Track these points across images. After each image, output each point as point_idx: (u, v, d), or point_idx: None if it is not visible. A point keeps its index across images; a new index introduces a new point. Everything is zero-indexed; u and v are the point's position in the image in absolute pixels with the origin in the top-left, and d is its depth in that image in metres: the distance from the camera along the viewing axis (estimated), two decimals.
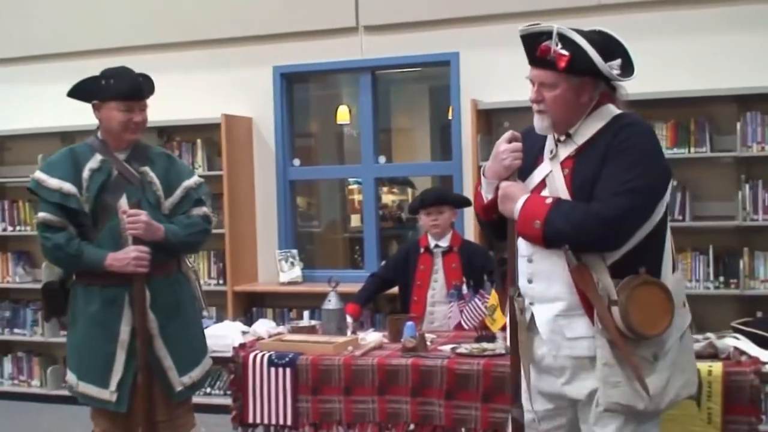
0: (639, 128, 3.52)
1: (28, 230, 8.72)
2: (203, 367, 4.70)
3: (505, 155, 3.59)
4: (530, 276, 3.59)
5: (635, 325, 3.32)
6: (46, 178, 4.46)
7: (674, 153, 6.71)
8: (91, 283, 4.50)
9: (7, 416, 8.17)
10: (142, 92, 4.52)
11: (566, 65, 3.45)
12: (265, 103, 8.18)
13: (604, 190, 3.37)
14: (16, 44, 8.95)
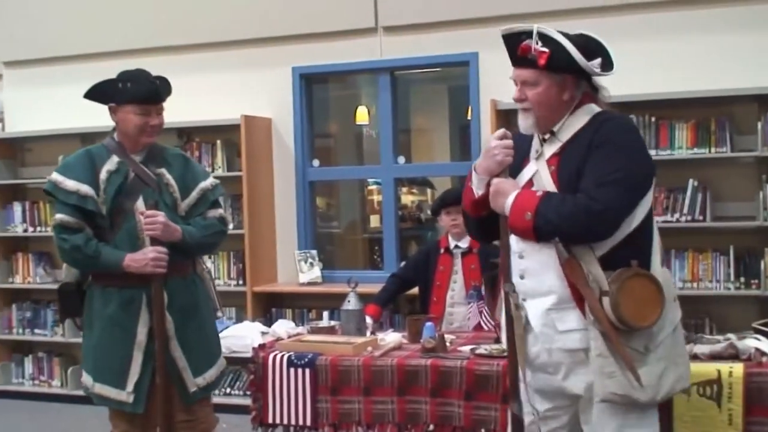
0: (621, 122, 3.62)
1: (48, 231, 8.74)
2: (218, 367, 4.71)
3: (497, 151, 3.65)
4: (522, 272, 3.64)
5: (626, 317, 3.38)
6: (63, 179, 4.47)
7: (694, 153, 6.69)
8: (109, 284, 4.50)
9: (27, 416, 8.21)
10: (159, 96, 4.53)
11: (546, 62, 3.52)
12: (284, 103, 8.19)
13: (589, 181, 3.44)
14: (36, 46, 8.99)
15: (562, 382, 3.62)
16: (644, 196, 3.52)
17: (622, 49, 7.03)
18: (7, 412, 8.35)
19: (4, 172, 8.98)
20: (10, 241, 9.02)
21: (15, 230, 8.91)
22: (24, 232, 8.89)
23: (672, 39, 6.92)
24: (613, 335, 3.40)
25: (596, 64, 3.61)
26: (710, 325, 6.74)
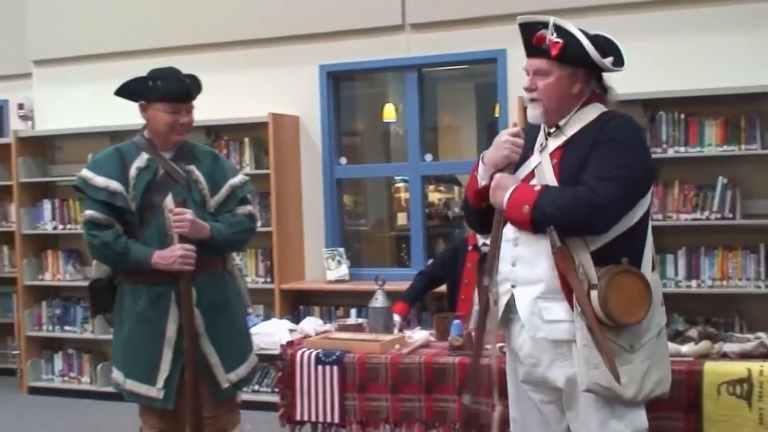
0: (626, 121, 3.64)
1: (78, 228, 8.78)
2: (249, 364, 4.72)
3: (506, 145, 3.69)
4: (514, 260, 3.70)
5: (613, 312, 3.43)
6: (93, 176, 4.49)
7: (724, 150, 6.65)
8: (138, 281, 4.53)
9: (57, 412, 8.25)
10: (189, 94, 4.54)
11: (559, 53, 3.57)
12: (311, 101, 8.19)
13: (591, 175, 3.49)
14: (66, 45, 9.04)
15: (545, 372, 3.67)
16: (644, 195, 3.58)
17: (651, 46, 7.08)
18: (37, 409, 8.40)
19: (34, 170, 9.03)
20: (40, 238, 9.08)
21: (45, 228, 8.96)
22: (54, 230, 8.94)
23: (702, 35, 6.88)
24: (597, 329, 3.45)
25: (608, 61, 3.63)
26: (740, 324, 6.70)
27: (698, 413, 4.06)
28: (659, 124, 6.79)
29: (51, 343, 9.14)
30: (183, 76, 4.55)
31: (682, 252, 6.80)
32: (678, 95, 6.70)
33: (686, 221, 6.75)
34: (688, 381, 4.09)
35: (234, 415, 4.74)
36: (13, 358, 9.43)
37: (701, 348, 4.31)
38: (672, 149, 6.76)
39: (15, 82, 9.71)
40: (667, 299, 6.75)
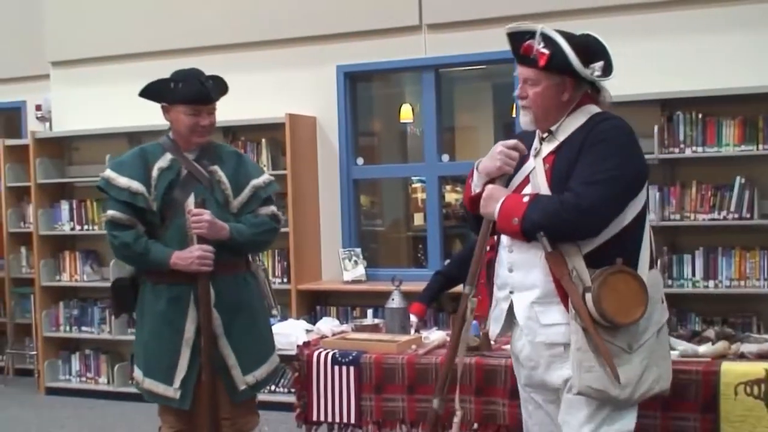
0: (615, 123, 3.62)
1: (95, 229, 8.83)
2: (269, 366, 4.71)
3: (500, 156, 3.69)
4: (510, 265, 3.73)
5: (607, 312, 3.42)
6: (116, 176, 4.52)
7: (742, 150, 6.63)
8: (159, 281, 4.54)
9: (74, 412, 8.28)
10: (208, 97, 4.53)
11: (546, 63, 3.57)
12: (328, 102, 8.20)
13: (578, 179, 3.49)
14: (85, 46, 9.08)
15: (543, 375, 3.69)
16: (635, 197, 3.56)
17: (668, 46, 7.07)
18: (55, 409, 8.43)
19: (51, 171, 9.07)
20: (58, 239, 9.11)
21: (62, 228, 8.99)
22: (71, 231, 8.97)
23: (719, 35, 6.86)
24: (593, 331, 3.44)
25: (597, 68, 3.62)
26: (758, 324, 6.68)
27: (715, 413, 4.04)
28: (677, 124, 6.77)
29: (68, 344, 9.17)
30: (205, 77, 4.54)
31: (699, 252, 6.78)
32: (695, 95, 6.68)
33: (704, 221, 6.73)
34: (705, 381, 4.07)
35: (252, 416, 4.74)
36: (30, 359, 9.47)
37: (718, 348, 4.29)
38: (689, 149, 6.74)
39: (32, 83, 9.76)
40: (685, 299, 6.81)
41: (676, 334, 4.81)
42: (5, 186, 9.33)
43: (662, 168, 6.95)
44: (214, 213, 4.47)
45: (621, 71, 7.14)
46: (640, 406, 3.96)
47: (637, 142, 3.62)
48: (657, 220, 6.74)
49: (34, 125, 9.60)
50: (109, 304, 8.85)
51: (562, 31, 3.64)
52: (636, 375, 3.51)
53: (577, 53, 3.55)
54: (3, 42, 10.09)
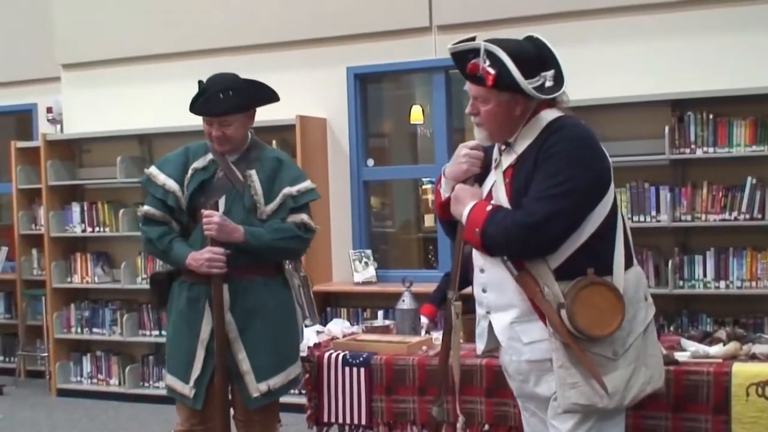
0: (567, 132, 3.52)
1: (106, 231, 8.85)
2: (286, 375, 4.69)
3: (464, 159, 3.69)
4: (483, 286, 3.69)
5: (583, 327, 3.37)
6: (157, 173, 4.62)
7: (753, 150, 6.61)
8: (185, 279, 4.61)
9: (86, 414, 8.30)
10: (211, 112, 4.50)
11: (493, 83, 3.47)
12: (339, 103, 8.21)
13: (529, 196, 3.44)
14: (95, 48, 9.09)
15: (534, 388, 3.65)
16: (596, 204, 3.47)
17: (679, 46, 7.06)
18: (66, 411, 8.45)
19: (62, 173, 9.08)
20: (69, 241, 9.13)
21: (74, 230, 9.01)
22: (82, 233, 8.99)
23: (730, 35, 6.85)
24: (574, 346, 3.39)
25: (548, 77, 3.55)
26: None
27: (727, 415, 4.04)
28: (687, 125, 6.76)
29: (79, 346, 9.19)
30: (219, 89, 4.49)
31: (710, 253, 6.77)
32: (706, 95, 6.67)
33: (715, 222, 6.72)
34: (716, 382, 4.06)
35: (269, 420, 4.75)
36: (42, 361, 9.48)
37: (730, 349, 4.28)
38: (700, 149, 6.73)
39: (43, 85, 9.78)
40: (696, 300, 6.81)
41: (687, 335, 4.81)
42: (17, 188, 9.35)
43: (673, 168, 6.95)
44: (240, 217, 4.49)
45: (632, 71, 7.20)
46: (651, 408, 3.98)
47: (592, 149, 3.53)
48: (668, 221, 6.73)
49: (45, 127, 9.61)
50: (118, 306, 8.91)
51: (508, 41, 3.56)
52: (623, 381, 3.46)
53: (525, 65, 3.46)
54: (14, 45, 10.11)
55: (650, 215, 6.86)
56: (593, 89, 7.05)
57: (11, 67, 10.08)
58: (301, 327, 4.89)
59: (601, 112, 7.13)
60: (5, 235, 10.12)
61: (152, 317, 8.73)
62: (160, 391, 8.43)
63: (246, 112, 4.61)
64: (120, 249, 9.09)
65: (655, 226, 6.86)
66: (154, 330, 8.72)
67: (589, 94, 6.96)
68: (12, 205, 9.62)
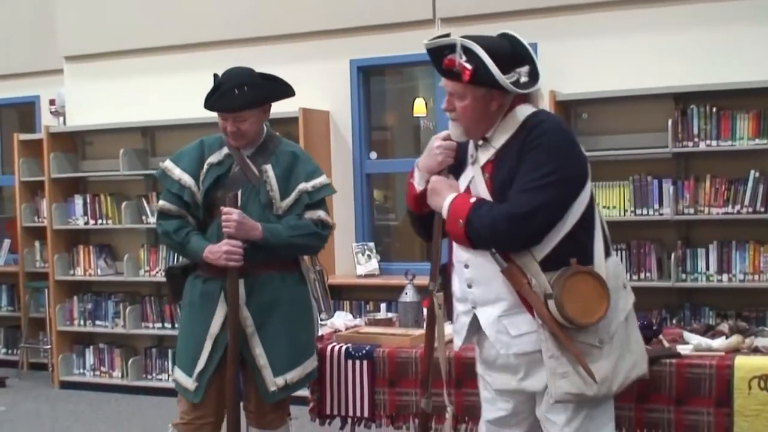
0: (548, 125, 3.55)
1: (109, 224, 8.86)
2: (303, 369, 4.67)
3: (438, 151, 3.71)
4: (469, 281, 3.70)
5: (572, 316, 3.43)
6: (172, 167, 4.60)
7: (756, 144, 6.62)
8: (199, 273, 4.60)
9: (88, 406, 8.30)
10: (226, 108, 4.47)
11: (470, 78, 3.49)
12: (342, 96, 8.20)
13: (514, 188, 3.48)
14: (98, 40, 9.09)
15: (520, 383, 3.68)
16: (577, 197, 3.52)
17: (682, 39, 7.05)
18: (69, 403, 8.46)
19: (65, 165, 9.09)
20: (72, 233, 9.14)
21: (76, 223, 9.02)
22: (85, 225, 9.00)
23: (733, 28, 6.84)
24: (561, 335, 3.45)
25: (523, 73, 3.57)
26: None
27: (729, 408, 4.03)
28: (690, 118, 6.76)
29: (82, 338, 9.21)
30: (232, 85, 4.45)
31: (713, 246, 6.78)
32: (709, 89, 6.66)
33: (717, 215, 6.72)
34: (718, 375, 4.06)
35: (280, 414, 4.74)
36: (45, 353, 9.51)
37: (732, 342, 4.28)
38: (703, 143, 6.73)
39: (46, 78, 9.79)
40: (698, 293, 6.81)
41: (689, 328, 4.80)
42: (19, 180, 9.36)
43: (676, 162, 6.95)
44: (256, 213, 4.48)
45: (635, 65, 7.19)
46: (653, 401, 3.99)
47: (572, 141, 3.58)
48: (671, 214, 6.73)
49: (47, 120, 9.62)
50: (121, 298, 8.92)
51: (483, 37, 3.57)
52: (610, 368, 3.53)
53: (500, 61, 3.48)
54: (17, 37, 10.12)
55: (653, 208, 6.86)
56: (597, 82, 7.06)
57: (14, 59, 10.10)
58: (316, 321, 4.88)
59: (604, 105, 7.15)
60: (8, 227, 10.14)
61: (155, 310, 8.74)
62: (162, 384, 8.45)
63: (261, 108, 4.58)
64: (123, 241, 9.10)
65: (658, 219, 6.86)
66: (157, 322, 8.73)
67: (593, 87, 6.98)
68: (15, 197, 9.63)
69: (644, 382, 4.09)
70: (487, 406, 3.90)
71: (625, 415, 4.18)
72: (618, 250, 6.88)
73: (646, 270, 6.94)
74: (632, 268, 6.96)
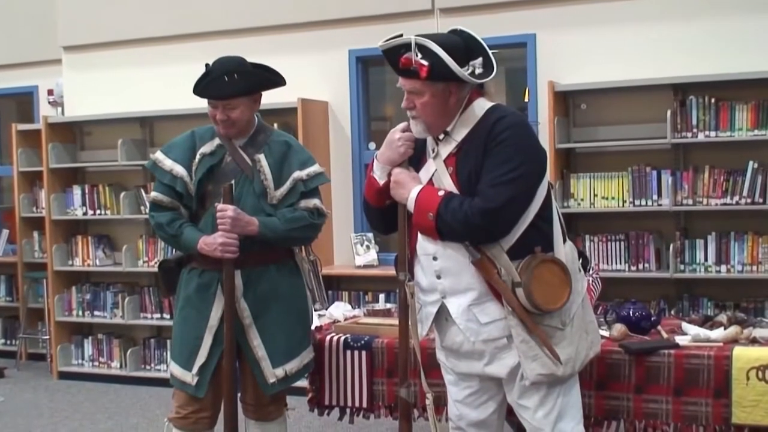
0: (511, 119, 3.68)
1: (108, 214, 8.85)
2: (301, 360, 4.67)
3: (400, 143, 3.79)
4: (438, 272, 3.78)
5: (540, 303, 3.58)
6: (163, 158, 4.58)
7: (755, 135, 6.61)
8: (194, 266, 4.58)
9: (87, 397, 8.31)
10: (215, 95, 4.46)
11: (427, 74, 3.59)
12: (340, 87, 8.20)
13: (484, 183, 3.58)
14: (97, 30, 9.07)
15: (484, 368, 3.80)
16: (539, 186, 3.65)
17: (681, 29, 7.05)
18: (68, 393, 8.46)
19: (63, 155, 9.08)
20: (70, 224, 9.13)
21: (75, 213, 9.01)
22: (83, 215, 8.99)
23: (732, 18, 6.83)
24: (529, 321, 3.60)
25: (477, 65, 3.68)
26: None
27: (727, 398, 4.04)
28: (689, 109, 6.75)
29: (81, 329, 9.21)
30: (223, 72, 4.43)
31: (711, 237, 6.78)
32: (708, 79, 6.66)
33: (716, 206, 6.71)
34: (717, 366, 4.07)
35: (278, 405, 4.73)
36: (43, 344, 9.51)
37: (730, 333, 4.29)
38: (702, 133, 6.72)
39: (45, 68, 9.78)
40: (697, 284, 6.82)
41: (688, 319, 4.82)
42: (18, 171, 9.35)
43: (675, 152, 6.94)
44: (250, 203, 4.47)
45: (634, 55, 7.19)
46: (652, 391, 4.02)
47: (534, 136, 3.71)
48: (669, 205, 6.73)
49: (46, 110, 9.61)
50: (120, 288, 8.92)
51: (435, 35, 3.69)
52: (574, 349, 3.70)
53: (454, 55, 3.59)
54: (15, 27, 10.10)
55: (651, 199, 6.85)
56: (596, 73, 7.06)
57: (12, 49, 10.08)
58: (311, 312, 4.88)
59: (603, 95, 7.14)
60: (6, 217, 10.15)
61: (153, 300, 8.74)
62: (161, 374, 8.45)
63: (251, 96, 4.56)
64: (121, 232, 9.09)
65: (657, 210, 6.86)
66: (156, 313, 8.73)
67: (592, 77, 6.98)
68: (13, 187, 9.63)
69: (643, 373, 4.12)
70: (453, 388, 4.01)
71: (624, 405, 4.20)
72: (617, 240, 6.91)
73: (644, 261, 6.95)
74: (630, 259, 6.97)
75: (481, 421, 3.96)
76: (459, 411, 3.99)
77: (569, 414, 3.78)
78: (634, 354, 4.19)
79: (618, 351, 4.24)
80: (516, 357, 3.67)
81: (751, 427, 4.05)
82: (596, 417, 4.26)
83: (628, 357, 4.20)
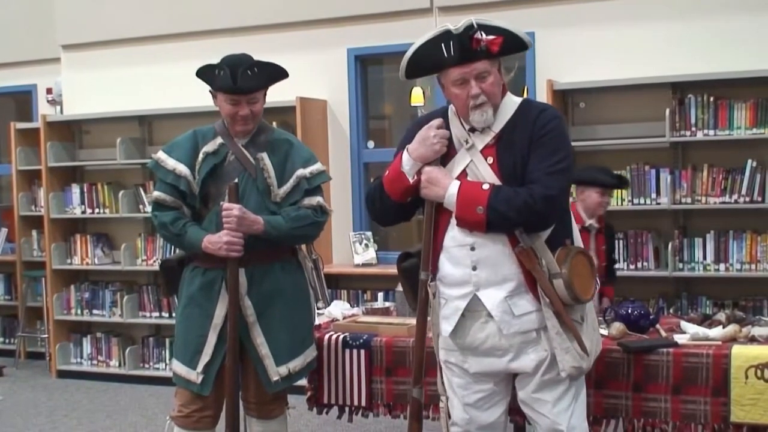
0: (553, 112, 3.77)
1: (106, 213, 8.85)
2: (304, 358, 4.66)
3: (435, 140, 3.75)
4: (474, 263, 3.73)
5: (579, 294, 3.62)
6: (165, 158, 4.56)
7: (753, 133, 6.62)
8: (198, 264, 4.56)
9: (86, 395, 8.30)
10: (239, 90, 4.44)
11: (500, 48, 3.61)
12: (339, 85, 8.19)
13: (539, 171, 3.60)
14: (95, 29, 9.07)
15: (508, 364, 3.77)
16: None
17: (680, 28, 7.05)
18: (66, 392, 8.46)
19: (62, 154, 9.07)
20: (69, 222, 9.13)
21: (73, 212, 9.01)
22: (82, 214, 8.99)
23: (731, 18, 6.83)
24: (564, 314, 3.62)
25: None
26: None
27: (726, 397, 4.04)
28: (688, 107, 6.75)
29: (80, 327, 9.21)
30: (247, 66, 4.44)
31: (710, 235, 6.78)
32: (707, 78, 6.66)
33: (715, 204, 6.72)
34: (715, 364, 4.07)
35: (280, 403, 4.72)
36: (42, 342, 9.51)
37: (729, 332, 4.29)
38: (701, 132, 6.72)
39: (43, 66, 9.78)
40: (696, 282, 6.82)
41: (686, 318, 4.82)
42: (16, 169, 9.36)
43: (673, 151, 6.95)
44: (255, 201, 4.46)
45: (633, 54, 7.19)
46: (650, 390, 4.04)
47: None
48: (668, 204, 6.74)
49: (45, 109, 9.62)
50: (118, 287, 8.92)
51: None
52: (593, 342, 3.75)
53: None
54: (14, 25, 10.10)
55: (650, 198, 6.86)
56: (594, 71, 7.06)
57: (11, 48, 10.08)
58: (314, 310, 4.87)
59: (602, 94, 7.14)
60: (5, 216, 10.12)
61: (152, 299, 8.74)
62: (160, 373, 8.45)
63: (266, 90, 4.61)
64: (120, 230, 9.09)
65: (655, 208, 6.86)
66: (154, 311, 8.73)
67: (591, 76, 6.98)
68: (12, 186, 9.63)
69: (642, 372, 4.12)
70: (463, 392, 3.92)
71: (622, 404, 4.20)
72: (615, 239, 6.89)
73: (643, 259, 6.95)
74: (629, 257, 6.97)
75: (490, 424, 3.92)
76: (469, 415, 3.92)
77: (579, 409, 3.80)
78: (633, 353, 4.19)
79: (617, 350, 4.25)
80: (541, 351, 3.69)
81: (749, 426, 4.05)
82: (595, 415, 4.26)
83: (627, 356, 4.21)
